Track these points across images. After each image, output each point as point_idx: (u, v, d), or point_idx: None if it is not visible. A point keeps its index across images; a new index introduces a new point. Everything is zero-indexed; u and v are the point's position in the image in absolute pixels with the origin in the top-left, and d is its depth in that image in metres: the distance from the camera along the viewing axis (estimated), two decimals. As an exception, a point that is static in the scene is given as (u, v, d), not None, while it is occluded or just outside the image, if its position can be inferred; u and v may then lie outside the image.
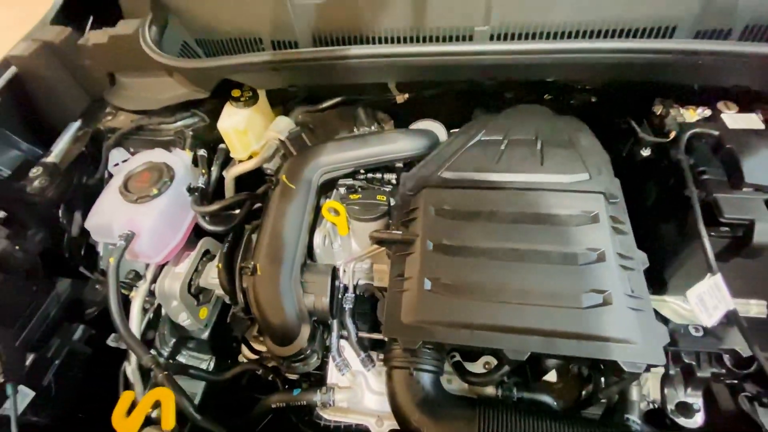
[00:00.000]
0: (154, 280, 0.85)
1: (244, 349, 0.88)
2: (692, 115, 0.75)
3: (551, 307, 0.52)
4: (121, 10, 0.91)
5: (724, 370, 0.69)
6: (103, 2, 0.94)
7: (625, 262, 0.56)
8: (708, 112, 0.74)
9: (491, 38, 0.68)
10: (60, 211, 0.83)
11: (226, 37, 0.81)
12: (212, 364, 0.94)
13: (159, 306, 0.88)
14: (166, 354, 0.87)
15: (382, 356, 0.64)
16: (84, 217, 0.87)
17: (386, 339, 0.58)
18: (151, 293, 0.85)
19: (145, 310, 0.84)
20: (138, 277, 0.86)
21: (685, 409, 0.69)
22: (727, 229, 0.60)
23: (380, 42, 0.72)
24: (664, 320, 0.70)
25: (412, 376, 0.55)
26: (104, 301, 0.80)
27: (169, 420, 0.52)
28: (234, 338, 0.95)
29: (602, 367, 0.57)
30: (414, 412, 0.53)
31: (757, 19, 0.66)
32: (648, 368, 0.50)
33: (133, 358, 0.79)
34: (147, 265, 0.88)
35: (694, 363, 0.70)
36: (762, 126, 0.70)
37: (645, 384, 0.72)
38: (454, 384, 0.65)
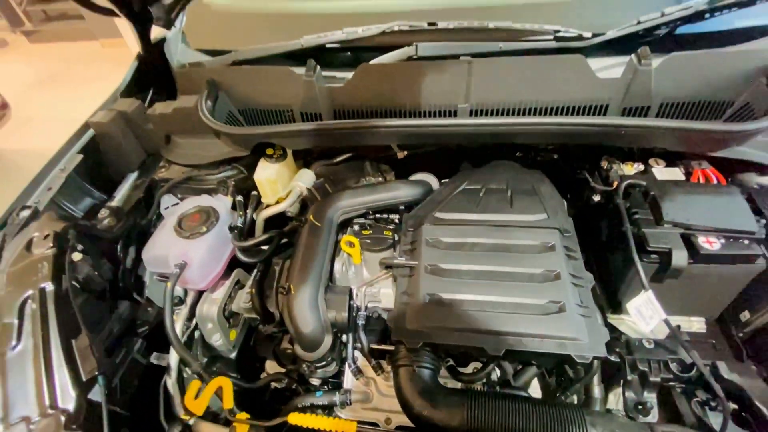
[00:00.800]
0: (192, 305, 1.01)
1: (268, 366, 1.02)
2: (630, 169, 0.96)
3: (520, 315, 0.69)
4: (174, 86, 1.14)
5: (671, 375, 0.83)
6: (158, 81, 1.18)
7: (576, 280, 0.73)
8: (641, 167, 0.95)
9: (471, 113, 0.90)
10: (118, 246, 1.00)
11: (264, 108, 1.04)
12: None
13: (192, 330, 1.03)
14: (202, 369, 1.00)
15: (389, 363, 0.78)
16: (137, 252, 1.05)
17: (394, 342, 0.73)
18: (189, 317, 1.00)
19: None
20: (180, 301, 1.02)
21: (642, 407, 0.82)
22: (655, 256, 0.78)
23: (386, 115, 0.94)
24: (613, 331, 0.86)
25: (415, 371, 0.69)
26: (154, 321, 0.96)
27: (229, 400, 0.66)
28: (257, 359, 1.08)
29: (564, 366, 0.71)
30: (416, 399, 0.67)
31: (669, 99, 0.88)
32: (593, 359, 0.65)
33: (173, 372, 0.93)
34: (185, 293, 1.04)
35: (647, 370, 0.84)
36: (682, 177, 0.91)
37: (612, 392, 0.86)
38: (449, 385, 0.79)
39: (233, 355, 1.04)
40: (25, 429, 0.57)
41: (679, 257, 0.75)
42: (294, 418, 0.69)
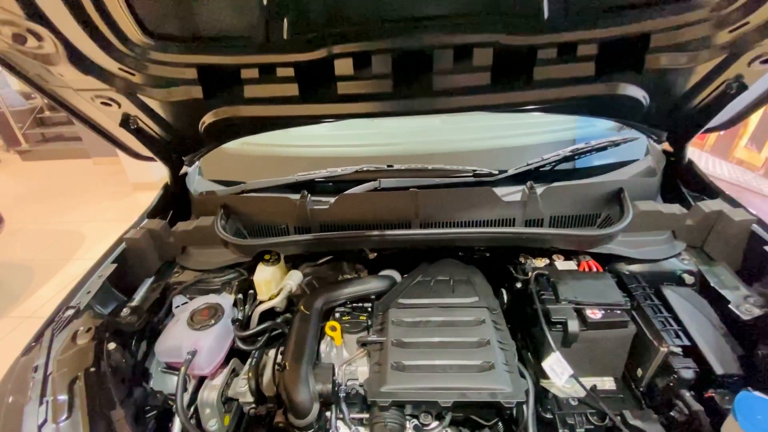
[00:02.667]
0: (192, 393, 1.15)
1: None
2: (540, 263, 1.30)
3: (462, 374, 0.92)
4: (189, 208, 1.45)
5: (592, 426, 1.04)
6: (175, 206, 1.50)
7: (502, 345, 0.99)
8: (547, 261, 1.29)
9: (420, 226, 1.25)
10: (133, 341, 1.18)
11: (265, 224, 1.35)
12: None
13: (189, 418, 1.15)
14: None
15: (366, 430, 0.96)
16: (148, 346, 1.21)
17: (369, 403, 0.93)
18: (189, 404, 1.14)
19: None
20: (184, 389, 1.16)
21: (573, 454, 1.01)
22: (558, 325, 1.06)
23: (359, 228, 1.27)
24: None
25: (386, 426, 0.89)
26: (162, 406, 1.09)
27: None
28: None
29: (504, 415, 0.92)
30: (388, 449, 0.85)
31: (555, 214, 1.27)
32: (517, 404, 0.88)
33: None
34: (185, 383, 1.19)
35: (573, 422, 1.05)
36: (575, 267, 1.25)
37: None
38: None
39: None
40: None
41: (573, 325, 1.03)
42: None
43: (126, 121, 1.24)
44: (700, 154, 3.53)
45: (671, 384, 0.99)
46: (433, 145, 1.52)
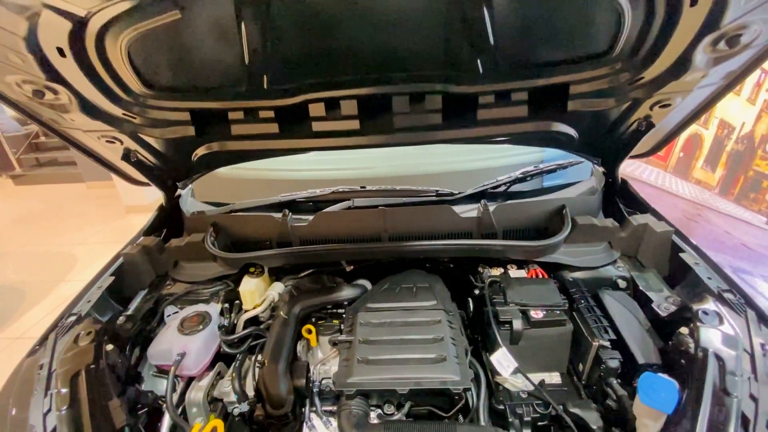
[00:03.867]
0: (181, 394, 1.26)
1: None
2: (496, 272, 1.46)
3: (418, 366, 1.06)
4: (181, 226, 1.60)
5: (539, 414, 1.17)
6: (169, 224, 1.65)
7: (454, 342, 1.13)
8: (502, 270, 1.45)
9: (389, 239, 1.41)
10: (127, 346, 1.30)
11: (251, 239, 1.50)
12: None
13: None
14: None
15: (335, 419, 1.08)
16: (141, 351, 1.33)
17: (336, 393, 1.06)
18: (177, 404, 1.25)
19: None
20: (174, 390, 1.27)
21: (520, 441, 1.14)
22: (506, 325, 1.21)
23: (335, 242, 1.43)
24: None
25: (351, 412, 1.02)
26: (152, 404, 1.20)
27: None
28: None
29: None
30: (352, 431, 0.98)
31: (508, 228, 1.44)
32: (465, 390, 1.02)
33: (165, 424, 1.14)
34: (174, 380, 1.30)
35: (522, 412, 1.18)
36: (525, 275, 1.41)
37: None
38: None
39: (211, 437, 1.25)
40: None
41: (518, 323, 1.18)
42: None
43: (127, 156, 1.41)
44: (664, 174, 3.79)
45: (602, 374, 1.13)
46: (400, 168, 1.70)
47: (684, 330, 1.06)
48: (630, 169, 4.29)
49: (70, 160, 6.45)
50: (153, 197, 5.02)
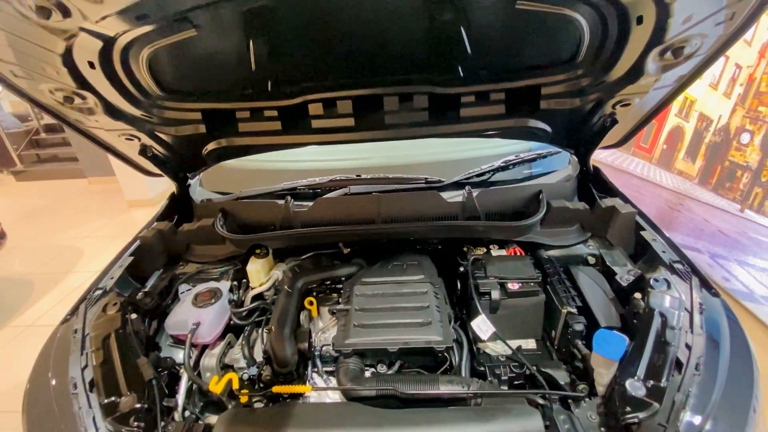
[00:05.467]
0: (196, 360, 1.41)
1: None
2: (479, 251, 1.61)
3: (406, 329, 1.21)
4: (191, 212, 1.75)
5: (515, 374, 1.32)
6: (182, 209, 1.79)
7: (438, 309, 1.28)
8: (485, 250, 1.60)
9: (382, 222, 1.55)
10: (146, 319, 1.44)
11: (256, 224, 1.64)
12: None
13: (191, 384, 1.40)
14: (197, 411, 1.34)
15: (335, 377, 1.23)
16: (158, 324, 1.47)
17: (335, 352, 1.21)
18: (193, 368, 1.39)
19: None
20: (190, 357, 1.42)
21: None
22: (486, 296, 1.36)
23: (332, 225, 1.57)
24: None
25: (348, 368, 1.17)
26: (170, 368, 1.34)
27: (236, 384, 1.08)
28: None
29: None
30: (348, 384, 1.13)
31: (489, 211, 1.58)
32: (447, 349, 1.17)
33: (179, 408, 1.29)
34: (191, 346, 1.44)
35: (500, 372, 1.33)
36: (505, 253, 1.56)
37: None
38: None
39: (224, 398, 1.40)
40: (115, 401, 0.97)
41: (496, 294, 1.33)
42: (277, 389, 1.11)
43: (144, 151, 1.56)
44: (649, 166, 3.94)
45: (569, 336, 1.28)
46: (393, 159, 1.85)
47: (638, 295, 1.22)
48: (618, 161, 4.44)
49: (71, 155, 6.53)
50: (155, 192, 5.14)
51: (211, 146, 1.57)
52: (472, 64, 1.23)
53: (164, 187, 5.04)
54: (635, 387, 0.92)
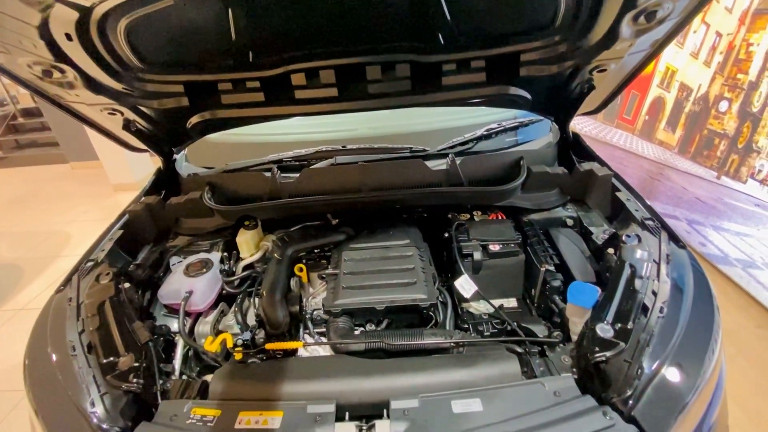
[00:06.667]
0: (191, 327, 1.46)
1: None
2: (463, 217, 1.66)
3: (393, 289, 1.27)
4: (179, 187, 1.76)
5: (497, 329, 1.39)
6: (169, 184, 1.79)
7: (423, 270, 1.34)
8: (468, 216, 1.65)
9: (370, 191, 1.58)
10: (139, 290, 1.47)
11: (244, 196, 1.66)
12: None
13: (188, 350, 1.45)
14: (195, 374, 1.40)
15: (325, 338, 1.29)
16: (152, 295, 1.51)
17: (325, 312, 1.26)
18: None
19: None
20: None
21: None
22: (468, 257, 1.41)
23: (320, 195, 1.60)
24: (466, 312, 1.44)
25: (338, 326, 1.22)
26: (166, 335, 1.39)
27: (230, 342, 1.13)
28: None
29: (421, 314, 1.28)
30: (337, 339, 1.19)
31: (472, 178, 1.63)
32: (429, 307, 1.23)
33: (176, 372, 1.34)
34: (185, 313, 1.48)
35: (483, 328, 1.40)
36: (488, 218, 1.61)
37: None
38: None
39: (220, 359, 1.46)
40: (114, 360, 1.01)
41: (478, 255, 1.39)
42: (269, 346, 1.17)
43: (127, 125, 1.55)
44: (632, 138, 4.01)
45: (548, 293, 1.36)
46: (378, 129, 1.86)
47: (611, 251, 1.28)
48: (602, 134, 4.51)
49: (51, 140, 6.37)
50: (140, 175, 5.08)
51: (195, 119, 1.57)
52: (452, 32, 1.24)
53: (149, 170, 4.98)
54: (604, 330, 0.99)
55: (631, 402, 0.87)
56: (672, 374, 0.92)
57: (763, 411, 2.09)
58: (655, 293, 1.06)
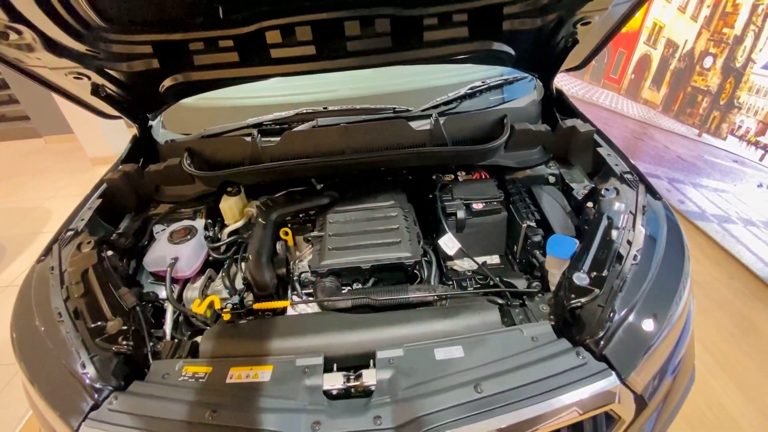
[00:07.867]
0: (179, 293, 1.47)
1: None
2: (448, 178, 1.66)
3: (378, 248, 1.28)
4: (157, 154, 1.71)
5: (480, 285, 1.44)
6: (146, 152, 1.74)
7: (408, 229, 1.35)
8: (452, 177, 1.66)
9: (353, 152, 1.57)
10: (123, 259, 1.46)
11: (224, 162, 1.63)
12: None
13: (178, 315, 1.47)
14: (186, 338, 1.42)
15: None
16: (137, 263, 1.50)
17: (312, 273, 1.28)
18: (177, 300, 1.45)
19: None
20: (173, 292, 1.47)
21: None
22: (452, 216, 1.43)
23: (302, 158, 1.58)
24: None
25: (325, 285, 1.25)
26: (154, 302, 1.40)
27: (218, 304, 1.15)
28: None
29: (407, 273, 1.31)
30: (323, 297, 1.21)
31: (456, 138, 1.62)
32: (414, 264, 1.26)
33: (167, 336, 1.36)
34: (172, 279, 1.49)
35: (467, 284, 1.45)
36: (472, 178, 1.62)
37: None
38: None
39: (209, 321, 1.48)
40: (102, 325, 1.02)
41: (461, 213, 1.41)
42: (257, 305, 1.19)
43: (96, 90, 1.47)
44: (617, 97, 4.00)
45: (529, 247, 1.39)
46: (360, 90, 1.81)
47: (590, 204, 1.31)
48: (589, 95, 4.48)
49: (21, 114, 6.05)
50: (118, 147, 4.90)
51: (167, 83, 1.50)
52: None
53: (127, 141, 4.82)
54: (580, 278, 1.03)
55: (602, 343, 0.92)
56: (641, 317, 0.97)
57: (729, 354, 2.23)
58: (630, 242, 1.09)
